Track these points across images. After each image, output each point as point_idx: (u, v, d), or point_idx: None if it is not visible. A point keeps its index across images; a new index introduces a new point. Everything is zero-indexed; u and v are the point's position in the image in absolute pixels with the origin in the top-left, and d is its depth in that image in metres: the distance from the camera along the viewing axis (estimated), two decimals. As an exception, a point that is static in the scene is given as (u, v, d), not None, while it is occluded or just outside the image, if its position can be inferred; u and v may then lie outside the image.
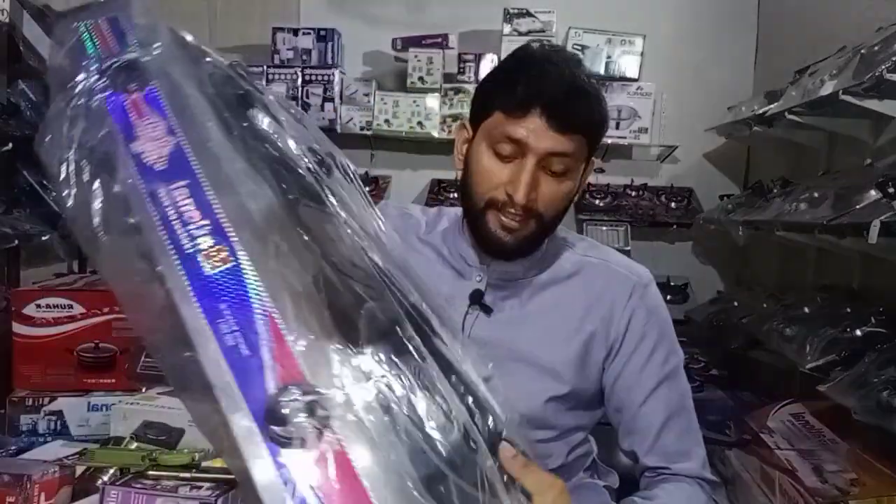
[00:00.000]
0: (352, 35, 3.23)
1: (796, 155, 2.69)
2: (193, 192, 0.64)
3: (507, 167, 0.97)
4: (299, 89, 3.04)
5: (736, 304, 2.64)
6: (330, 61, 3.09)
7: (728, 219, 2.60)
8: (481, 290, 1.06)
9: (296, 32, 3.08)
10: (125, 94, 0.69)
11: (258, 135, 0.73)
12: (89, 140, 0.68)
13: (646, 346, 1.06)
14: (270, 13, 3.18)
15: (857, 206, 1.64)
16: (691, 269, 3.24)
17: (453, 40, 3.07)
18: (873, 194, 1.61)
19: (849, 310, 1.87)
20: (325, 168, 0.75)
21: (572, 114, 0.95)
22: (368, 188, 2.51)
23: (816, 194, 1.96)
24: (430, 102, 3.07)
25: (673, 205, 3.16)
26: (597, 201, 3.14)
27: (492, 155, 0.98)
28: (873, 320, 1.75)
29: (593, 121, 0.98)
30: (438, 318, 0.70)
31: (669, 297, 3.01)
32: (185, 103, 0.68)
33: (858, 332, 1.74)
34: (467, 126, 1.05)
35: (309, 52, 3.08)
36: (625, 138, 3.05)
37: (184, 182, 0.64)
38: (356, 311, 0.65)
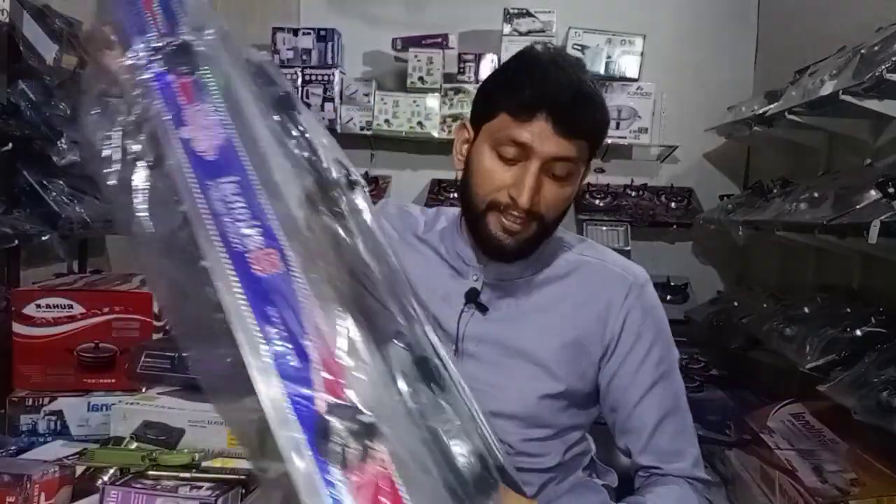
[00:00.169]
0: (352, 35, 3.23)
1: (796, 155, 2.69)
2: (243, 189, 0.62)
3: (511, 170, 0.97)
4: (299, 89, 3.04)
5: (736, 304, 2.65)
6: (330, 61, 3.09)
7: (728, 219, 2.60)
8: (477, 289, 1.06)
9: (296, 32, 3.09)
10: (175, 76, 0.67)
11: (297, 140, 0.71)
12: (135, 118, 0.66)
13: (641, 346, 1.06)
14: (270, 13, 3.18)
15: (857, 206, 1.64)
16: (691, 269, 3.24)
17: (453, 40, 3.07)
18: (873, 194, 1.61)
19: (849, 310, 1.87)
20: (350, 182, 0.74)
21: (578, 119, 0.95)
22: (368, 188, 2.51)
23: (816, 194, 1.96)
24: (430, 102, 3.07)
25: (673, 205, 3.16)
26: (597, 201, 3.14)
27: (495, 157, 0.98)
28: (873, 320, 1.75)
29: (597, 126, 0.99)
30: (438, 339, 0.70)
31: (669, 297, 3.01)
32: (236, 98, 0.67)
33: (858, 332, 1.74)
34: (468, 126, 1.05)
35: (309, 52, 3.08)
36: (625, 138, 3.05)
37: (234, 178, 0.63)
38: (388, 333, 0.64)
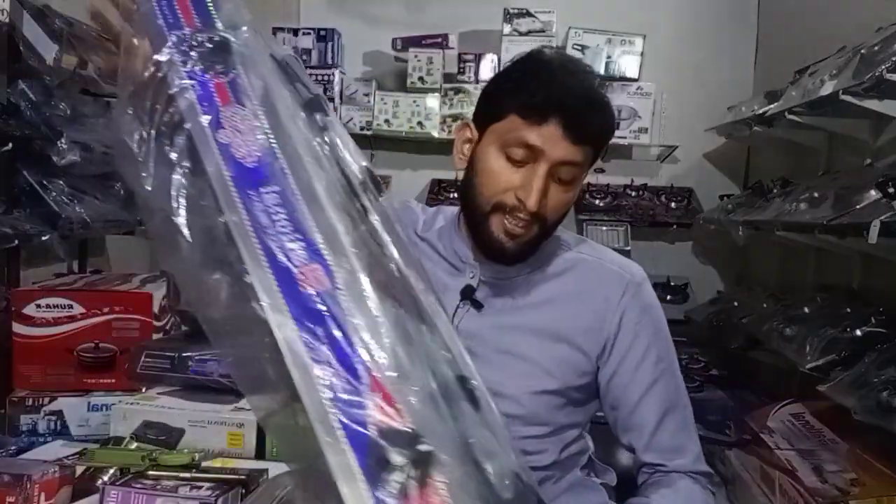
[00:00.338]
0: (352, 35, 3.23)
1: (796, 155, 2.69)
2: (284, 200, 0.60)
3: (518, 172, 0.97)
4: (299, 89, 3.04)
5: (736, 304, 2.65)
6: (330, 61, 3.09)
7: (728, 219, 2.60)
8: (473, 286, 1.06)
9: (296, 32, 3.09)
10: (212, 75, 0.65)
11: (330, 145, 0.70)
12: (170, 119, 0.63)
13: (640, 344, 1.06)
14: (270, 13, 3.18)
15: (857, 206, 1.64)
16: (691, 269, 3.24)
17: (453, 40, 3.07)
18: (873, 194, 1.61)
19: (849, 310, 1.87)
20: (378, 189, 0.73)
21: (588, 125, 0.96)
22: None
23: (816, 194, 1.96)
24: (430, 102, 3.07)
25: (673, 205, 3.16)
26: (597, 201, 3.14)
27: (502, 158, 0.98)
28: (873, 320, 1.75)
29: (604, 133, 1.00)
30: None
31: (669, 297, 3.02)
32: (272, 100, 0.65)
33: (858, 332, 1.74)
34: (471, 126, 1.04)
35: (309, 52, 3.08)
36: (625, 138, 3.05)
37: (275, 188, 0.60)
38: (430, 350, 0.64)
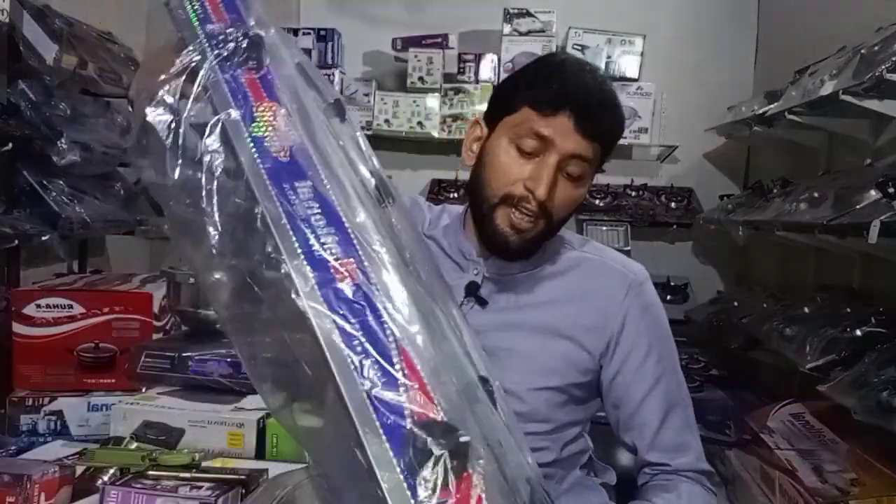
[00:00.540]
0: (352, 35, 3.23)
1: (796, 155, 2.69)
2: (317, 195, 0.61)
3: (528, 163, 0.98)
4: (299, 89, 3.04)
5: (736, 304, 2.64)
6: (330, 61, 3.09)
7: (728, 219, 2.60)
8: (477, 283, 1.07)
9: (296, 32, 3.08)
10: (244, 72, 0.65)
11: (349, 148, 0.70)
12: (201, 111, 0.63)
13: (643, 343, 1.07)
14: (270, 14, 3.17)
15: (857, 206, 1.64)
16: (691, 269, 3.24)
17: (453, 40, 3.07)
18: (873, 194, 1.61)
19: (849, 310, 1.87)
20: (391, 194, 0.73)
21: (599, 121, 0.97)
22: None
23: (816, 194, 1.96)
24: (430, 102, 3.07)
25: (673, 205, 3.16)
26: (597, 201, 3.14)
27: (513, 149, 0.99)
28: (873, 320, 1.75)
29: (614, 131, 1.02)
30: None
31: (669, 297, 3.01)
32: (302, 103, 0.65)
33: (858, 332, 1.74)
34: (482, 123, 1.06)
35: (309, 52, 3.08)
36: (625, 138, 3.04)
37: (308, 182, 0.61)
38: (454, 347, 0.64)
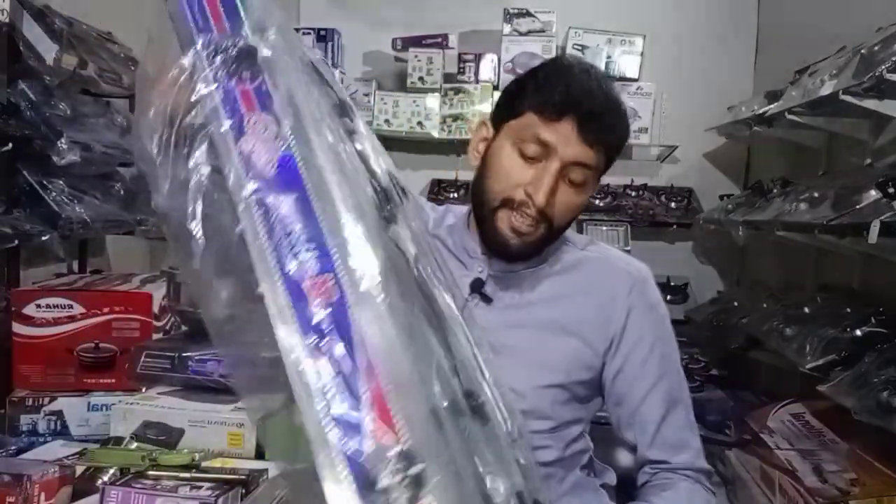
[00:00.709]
0: (352, 35, 3.23)
1: (796, 155, 2.69)
2: (301, 206, 0.60)
3: (530, 168, 0.98)
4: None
5: (736, 304, 2.65)
6: (330, 61, 3.09)
7: (728, 219, 2.60)
8: (482, 280, 1.08)
9: (296, 32, 3.08)
10: (237, 82, 0.65)
11: (357, 150, 0.69)
12: (192, 123, 0.63)
13: (646, 341, 1.07)
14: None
15: (857, 206, 1.64)
16: (691, 269, 3.24)
17: (453, 40, 3.07)
18: (873, 194, 1.61)
19: (849, 310, 1.87)
20: (404, 195, 0.73)
21: (603, 128, 0.97)
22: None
23: (816, 194, 1.96)
24: (429, 102, 3.07)
25: (673, 205, 3.16)
26: (597, 201, 3.14)
27: (516, 154, 0.99)
28: (873, 320, 1.75)
29: (619, 138, 1.01)
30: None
31: (669, 297, 3.01)
32: (296, 107, 0.65)
33: (858, 332, 1.74)
34: (487, 124, 1.06)
35: (309, 52, 3.08)
36: (625, 138, 3.05)
37: (293, 195, 0.60)
38: (441, 361, 0.63)
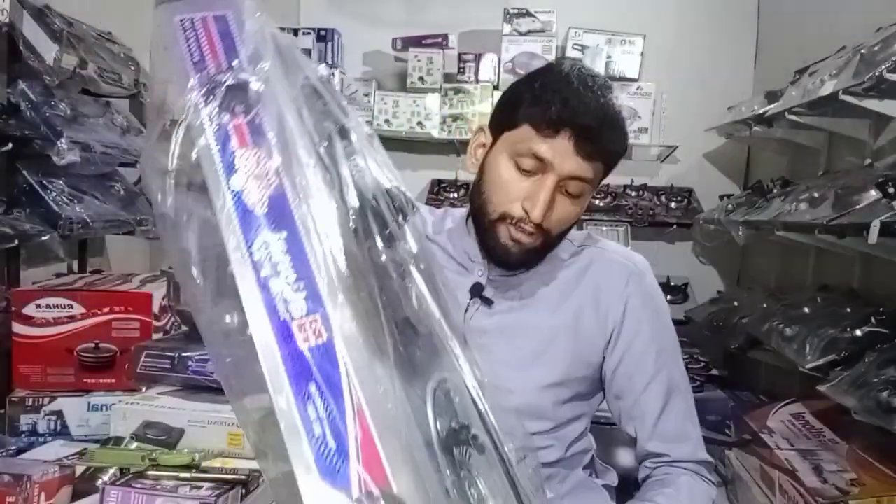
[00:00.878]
0: (352, 35, 3.23)
1: (796, 155, 2.69)
2: (291, 244, 0.60)
3: (526, 182, 0.98)
4: (299, 89, 3.04)
5: (736, 304, 2.65)
6: (330, 61, 3.09)
7: (728, 219, 2.60)
8: (482, 284, 1.08)
9: (296, 32, 3.08)
10: (230, 117, 0.64)
11: (351, 172, 0.69)
12: (186, 160, 0.63)
13: (644, 333, 1.07)
14: (270, 13, 3.17)
15: (857, 206, 1.64)
16: (691, 269, 3.24)
17: (453, 40, 3.07)
18: (873, 194, 1.61)
19: (849, 310, 1.87)
20: (402, 214, 0.72)
21: (600, 142, 0.96)
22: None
23: (816, 194, 1.96)
24: (430, 102, 3.07)
25: (673, 205, 3.16)
26: (597, 201, 3.14)
27: (512, 167, 0.99)
28: (873, 320, 1.75)
29: (616, 151, 1.01)
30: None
31: (669, 297, 3.01)
32: (292, 138, 0.64)
33: (858, 332, 1.74)
34: (486, 130, 1.05)
35: (309, 52, 3.08)
36: (625, 138, 3.05)
37: (283, 233, 0.60)
38: (433, 393, 0.63)
